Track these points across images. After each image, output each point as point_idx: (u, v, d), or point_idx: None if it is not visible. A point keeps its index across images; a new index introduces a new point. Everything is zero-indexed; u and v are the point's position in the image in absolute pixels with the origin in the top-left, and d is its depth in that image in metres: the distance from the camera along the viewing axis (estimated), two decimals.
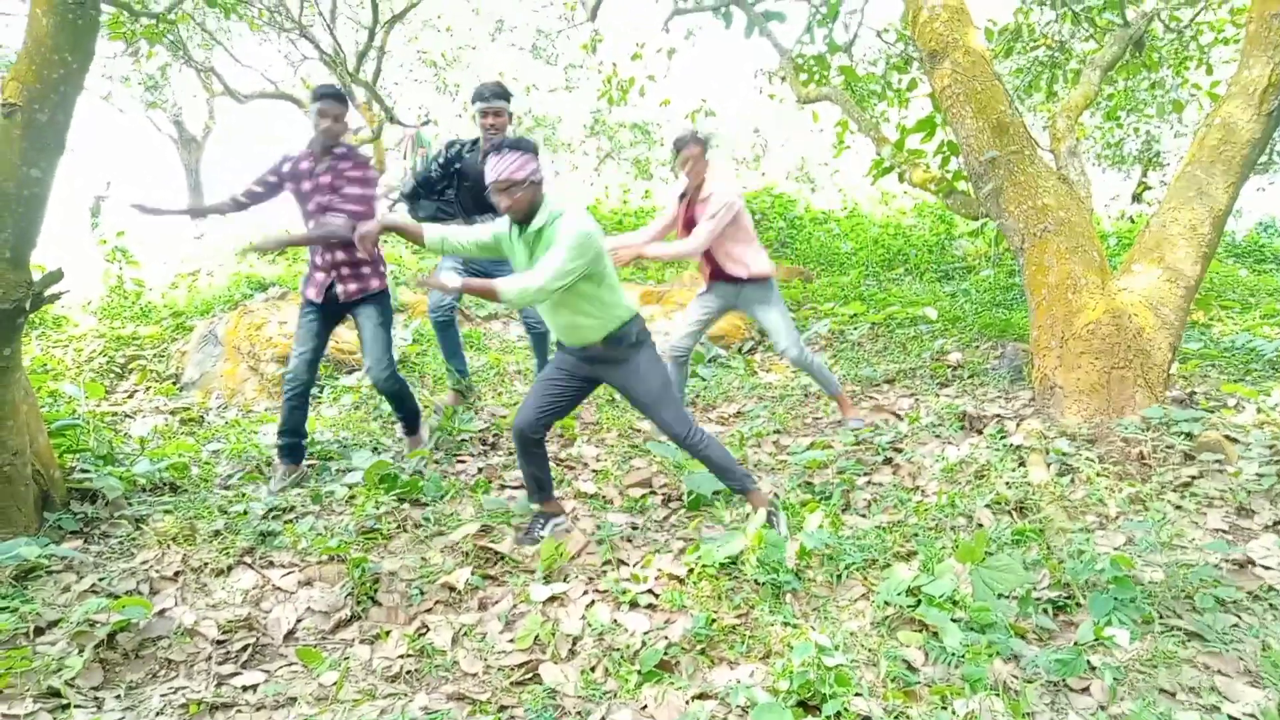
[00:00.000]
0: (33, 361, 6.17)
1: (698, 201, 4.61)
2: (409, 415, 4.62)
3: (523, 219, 3.21)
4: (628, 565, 3.37)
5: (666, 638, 2.78)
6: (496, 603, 3.10)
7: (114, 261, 7.72)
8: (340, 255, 4.16)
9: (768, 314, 4.77)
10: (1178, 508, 3.55)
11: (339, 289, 4.17)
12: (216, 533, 3.56)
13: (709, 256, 4.72)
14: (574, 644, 2.80)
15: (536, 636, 2.82)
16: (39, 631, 2.78)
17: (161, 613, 2.94)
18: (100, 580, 3.11)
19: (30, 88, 3.17)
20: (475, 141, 4.77)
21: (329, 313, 4.27)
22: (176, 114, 18.90)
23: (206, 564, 3.30)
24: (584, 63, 16.32)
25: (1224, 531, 3.38)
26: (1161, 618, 2.78)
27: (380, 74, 14.94)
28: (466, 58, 19.49)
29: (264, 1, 12.49)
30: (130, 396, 6.24)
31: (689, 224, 4.68)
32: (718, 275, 4.77)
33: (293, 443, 4.31)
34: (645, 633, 2.83)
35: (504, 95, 4.54)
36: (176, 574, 3.23)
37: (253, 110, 18.24)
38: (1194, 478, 3.75)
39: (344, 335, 6.00)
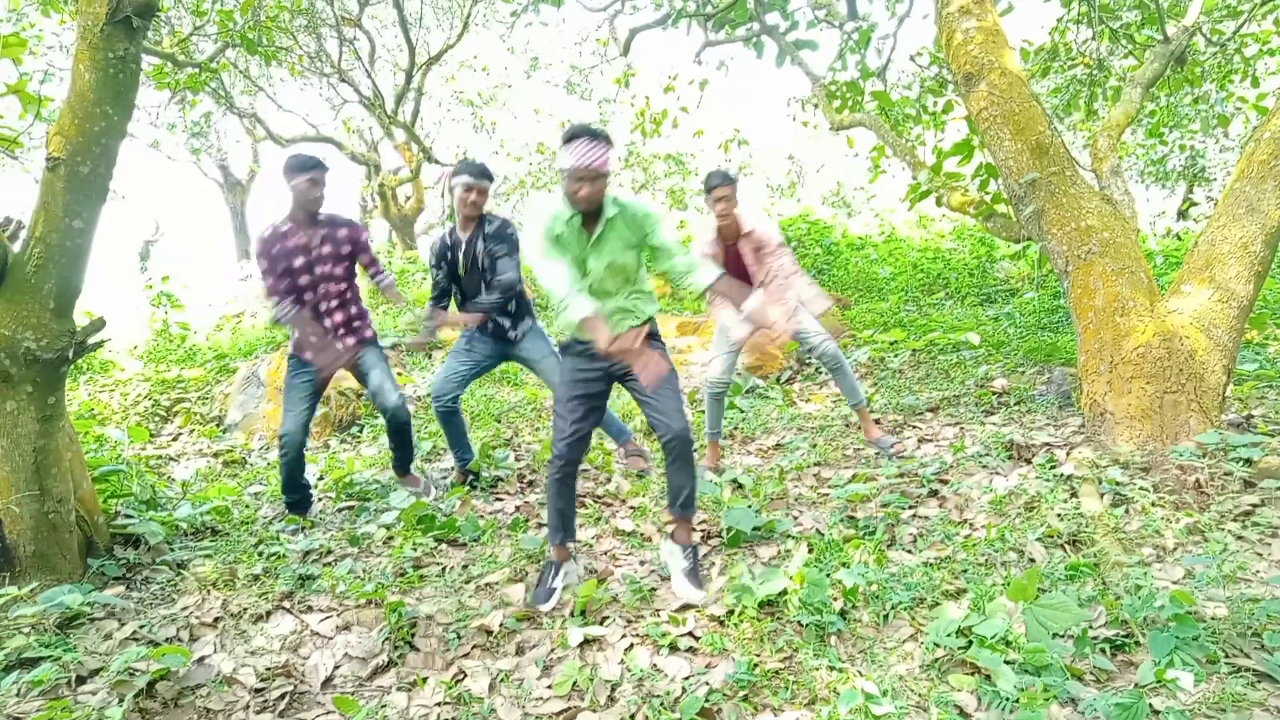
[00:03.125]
0: (80, 406, 6.30)
1: (741, 238, 4.62)
2: (408, 452, 4.69)
3: (593, 210, 3.13)
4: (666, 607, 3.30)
5: (708, 683, 2.70)
6: (534, 647, 3.05)
7: (159, 306, 7.88)
8: (339, 317, 4.33)
9: (799, 318, 4.81)
10: (1239, 538, 3.40)
11: (341, 344, 4.26)
12: (256, 577, 3.57)
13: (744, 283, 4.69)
14: (613, 690, 2.74)
15: (575, 683, 2.76)
16: (80, 680, 2.79)
17: (201, 660, 2.94)
18: (141, 627, 3.12)
19: (73, 141, 3.24)
20: (452, 229, 4.68)
21: (319, 372, 4.31)
22: (222, 159, 19.40)
23: (246, 609, 3.30)
24: (618, 97, 16.47)
25: None
26: (1227, 657, 2.64)
27: (418, 114, 15.22)
28: (503, 96, 19.80)
29: (305, 48, 12.80)
30: (175, 439, 6.33)
31: (733, 264, 4.67)
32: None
33: (300, 497, 4.38)
34: (685, 678, 2.76)
35: (489, 174, 4.55)
36: (216, 620, 3.23)
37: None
38: (1255, 506, 3.59)
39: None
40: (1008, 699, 2.50)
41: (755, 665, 2.76)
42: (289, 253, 4.15)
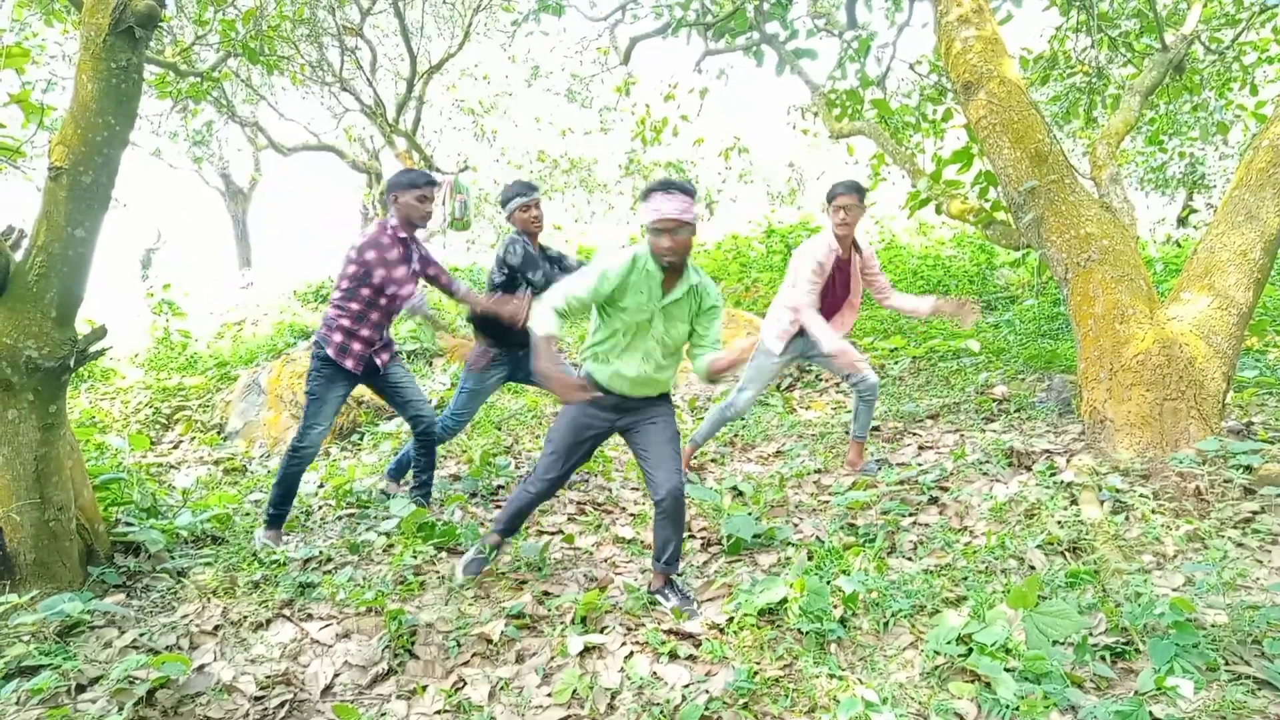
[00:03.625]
0: (81, 414, 6.30)
1: (855, 252, 4.59)
2: (432, 474, 4.57)
3: (678, 262, 3.08)
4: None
5: (707, 691, 2.70)
6: (534, 654, 3.05)
7: (160, 314, 7.89)
8: (389, 331, 4.29)
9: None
10: (1239, 545, 3.40)
11: (377, 360, 4.21)
12: (256, 584, 3.57)
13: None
14: (612, 699, 2.74)
15: (574, 690, 2.76)
16: (80, 689, 2.78)
17: (201, 668, 2.93)
18: (141, 635, 3.11)
19: (75, 150, 3.25)
20: (521, 236, 4.58)
21: (353, 382, 4.25)
22: (224, 167, 19.44)
23: (246, 617, 3.30)
24: (618, 105, 16.50)
25: None
26: (1227, 664, 2.64)
27: (420, 123, 15.26)
28: (503, 104, 19.85)
29: (306, 57, 12.85)
30: (175, 447, 6.34)
31: (840, 278, 4.58)
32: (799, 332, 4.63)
33: (287, 511, 4.26)
34: (685, 686, 2.76)
35: (535, 186, 4.59)
36: (216, 628, 3.23)
37: (296, 162, 18.76)
38: (1255, 513, 3.59)
39: None
40: (1008, 706, 2.50)
41: (755, 673, 2.76)
42: (400, 260, 4.08)
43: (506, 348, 4.60)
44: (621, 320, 3.15)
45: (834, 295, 4.59)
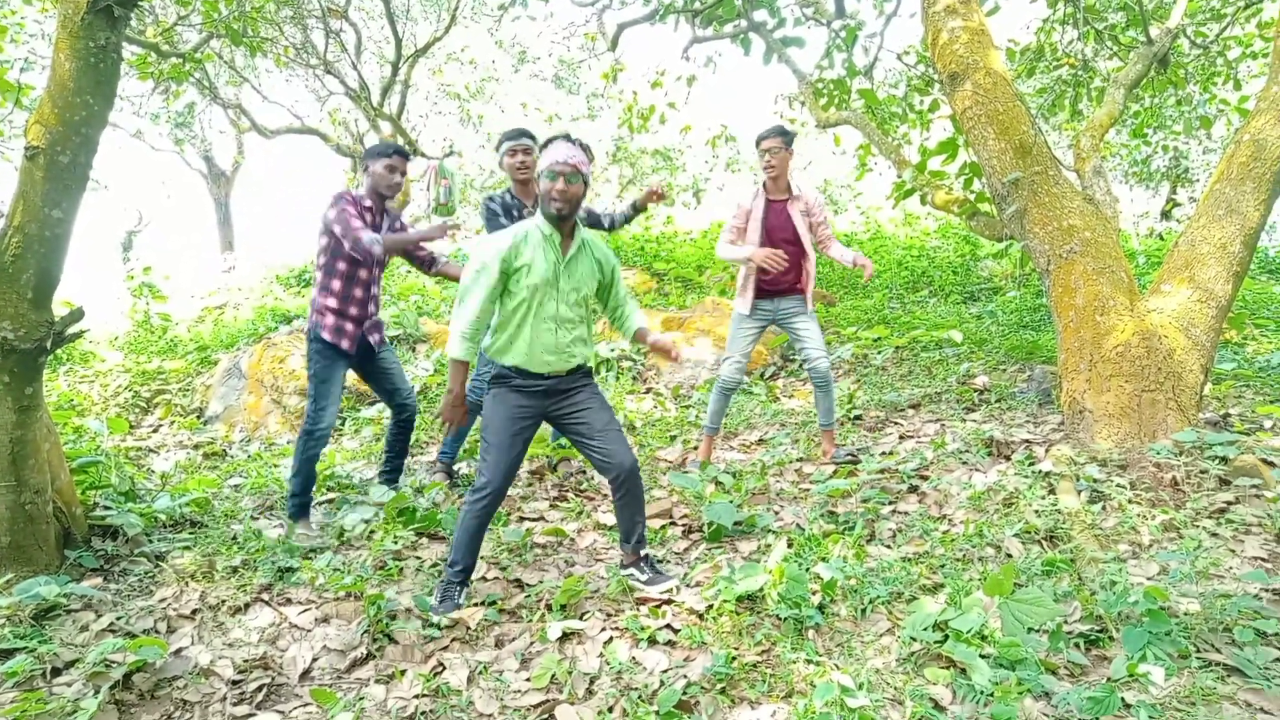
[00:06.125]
0: (59, 397, 6.25)
1: (791, 199, 4.64)
2: (403, 459, 4.61)
3: (566, 214, 3.13)
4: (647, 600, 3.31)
5: (686, 676, 2.71)
6: (513, 640, 3.05)
7: (140, 296, 7.82)
8: (371, 308, 4.28)
9: (808, 323, 4.76)
10: (1213, 535, 3.44)
11: (371, 339, 4.24)
12: (234, 569, 3.56)
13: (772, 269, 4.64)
14: (591, 683, 2.74)
15: (553, 675, 2.77)
16: (56, 672, 2.77)
17: (178, 652, 2.92)
18: (118, 619, 3.10)
19: (53, 130, 3.20)
20: (508, 191, 4.64)
21: (351, 363, 4.28)
22: (206, 150, 19.25)
23: (224, 601, 3.29)
24: (605, 91, 16.44)
25: (1263, 560, 3.26)
26: (1199, 652, 2.67)
27: (405, 107, 15.15)
28: (490, 89, 19.73)
29: (290, 39, 12.72)
30: (155, 431, 6.29)
31: (780, 223, 4.66)
32: (768, 291, 4.72)
33: (309, 499, 4.25)
34: (664, 671, 2.77)
35: (530, 134, 4.58)
36: (194, 612, 3.22)
37: (280, 145, 18.60)
38: (1230, 504, 3.63)
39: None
40: (982, 692, 2.52)
41: (733, 658, 2.77)
42: (364, 226, 4.08)
43: None
44: (526, 288, 3.15)
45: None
